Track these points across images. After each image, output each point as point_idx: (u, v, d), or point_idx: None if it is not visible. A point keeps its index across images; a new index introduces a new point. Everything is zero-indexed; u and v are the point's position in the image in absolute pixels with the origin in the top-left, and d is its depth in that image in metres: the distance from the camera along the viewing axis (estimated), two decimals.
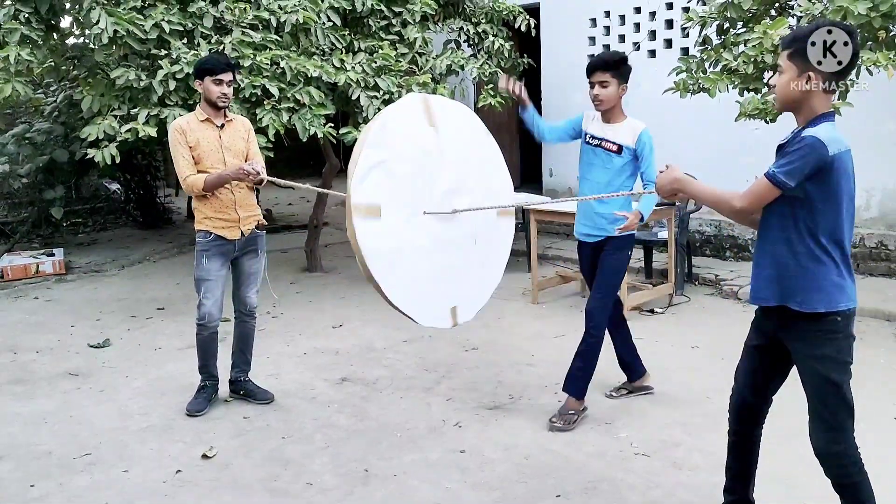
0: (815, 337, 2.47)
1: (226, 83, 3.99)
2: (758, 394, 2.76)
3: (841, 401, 2.47)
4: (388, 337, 5.48)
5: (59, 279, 7.69)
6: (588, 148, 4.05)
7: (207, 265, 4.09)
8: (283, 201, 12.61)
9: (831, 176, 2.35)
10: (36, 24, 5.49)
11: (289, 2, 5.89)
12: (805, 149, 2.32)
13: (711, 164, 7.28)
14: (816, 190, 2.37)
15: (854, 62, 2.40)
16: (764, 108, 4.50)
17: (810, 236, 2.42)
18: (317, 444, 3.83)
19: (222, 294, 4.19)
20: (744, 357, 2.79)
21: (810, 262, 2.43)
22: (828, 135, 2.33)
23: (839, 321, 2.45)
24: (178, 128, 4.01)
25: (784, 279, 2.48)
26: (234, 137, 4.12)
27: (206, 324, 4.18)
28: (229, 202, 4.07)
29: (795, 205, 2.42)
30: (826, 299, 2.43)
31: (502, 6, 7.60)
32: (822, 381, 2.47)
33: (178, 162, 4.01)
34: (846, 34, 2.37)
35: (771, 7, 4.88)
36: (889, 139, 6.23)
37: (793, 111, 2.49)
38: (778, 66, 2.49)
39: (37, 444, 3.89)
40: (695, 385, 4.40)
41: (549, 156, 9.03)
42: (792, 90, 2.43)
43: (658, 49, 7.79)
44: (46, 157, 8.58)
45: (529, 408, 4.19)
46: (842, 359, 2.47)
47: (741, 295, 6.19)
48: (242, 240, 4.16)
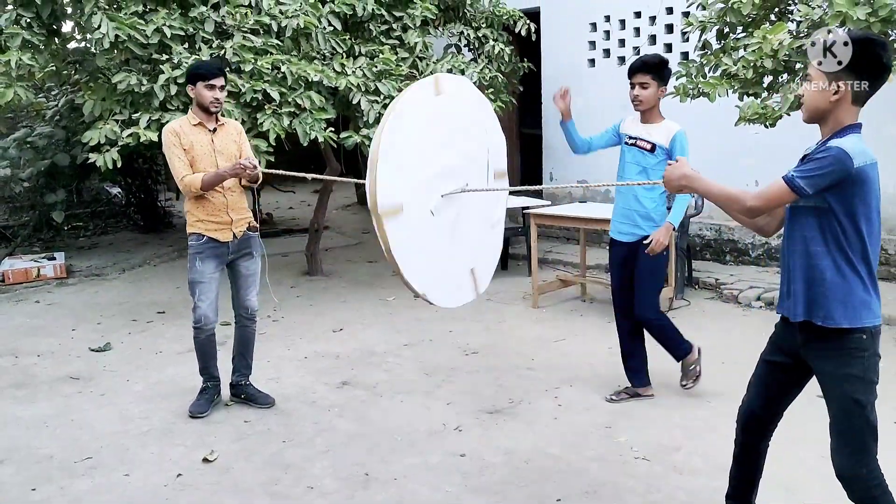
0: (841, 355, 2.41)
1: (218, 88, 4.03)
2: (769, 408, 2.73)
3: (865, 422, 2.41)
4: (389, 341, 5.49)
5: (60, 283, 7.71)
6: (625, 148, 4.23)
7: (201, 267, 4.12)
8: (283, 205, 12.65)
9: (856, 189, 2.31)
10: (37, 29, 5.51)
11: (290, 7, 5.92)
12: (829, 159, 2.28)
13: (712, 167, 7.23)
14: (841, 203, 2.33)
15: (885, 76, 2.35)
16: (763, 112, 4.52)
17: (838, 250, 2.38)
18: (317, 447, 3.83)
19: (217, 296, 4.21)
20: (759, 370, 2.74)
21: (836, 276, 2.39)
22: (854, 147, 2.29)
23: (865, 339, 2.40)
24: (171, 130, 4.04)
25: (810, 293, 2.44)
26: (226, 141, 4.16)
27: (203, 326, 4.20)
28: (221, 205, 4.11)
29: (822, 217, 2.38)
30: (851, 315, 2.38)
31: (503, 11, 7.62)
32: (848, 401, 2.40)
33: (173, 163, 4.03)
34: (879, 45, 2.33)
35: (770, 12, 4.90)
36: (889, 143, 6.23)
37: (819, 122, 2.44)
38: (808, 75, 2.44)
39: (38, 448, 3.90)
40: (695, 389, 4.40)
41: (550, 160, 9.04)
42: (820, 99, 2.38)
43: (658, 53, 7.79)
44: (48, 161, 8.61)
45: (529, 411, 4.19)
46: (868, 378, 2.41)
47: (741, 299, 6.20)
48: (235, 242, 4.19)
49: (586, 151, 4.41)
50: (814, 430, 3.66)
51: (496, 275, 7.51)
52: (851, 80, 2.34)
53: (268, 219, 10.77)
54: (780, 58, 4.34)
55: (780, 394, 2.70)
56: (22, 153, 8.68)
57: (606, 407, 4.22)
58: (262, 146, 5.59)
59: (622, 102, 8.07)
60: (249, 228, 4.26)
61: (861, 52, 2.32)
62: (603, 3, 8.21)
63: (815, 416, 3.06)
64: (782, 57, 4.33)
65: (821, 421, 3.70)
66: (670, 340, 4.26)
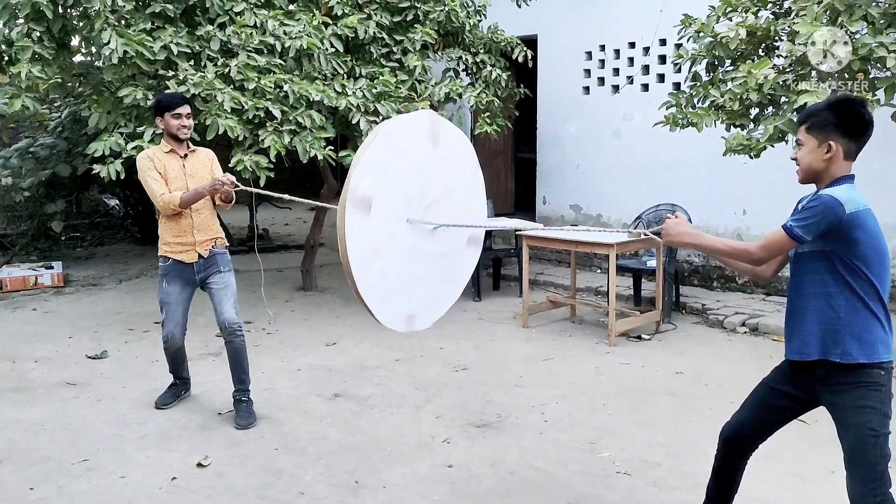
0: (859, 387, 2.50)
1: (184, 116, 4.27)
2: (758, 429, 2.82)
3: (880, 451, 2.49)
4: (381, 356, 5.61)
5: (57, 291, 7.80)
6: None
7: (168, 288, 4.37)
8: (279, 221, 12.76)
9: (852, 234, 2.44)
10: (48, 43, 5.65)
11: (294, 28, 6.08)
12: (820, 206, 2.42)
13: (702, 195, 7.48)
14: (842, 247, 2.47)
15: (870, 130, 2.53)
16: (748, 143, 4.68)
17: (850, 290, 2.49)
18: (309, 455, 3.94)
19: (184, 315, 4.45)
20: (759, 392, 2.82)
21: (852, 313, 2.49)
22: (844, 194, 2.43)
23: (883, 374, 2.51)
24: (145, 156, 4.30)
25: (825, 332, 2.53)
26: (197, 165, 4.37)
27: (169, 343, 4.47)
28: (188, 226, 4.31)
29: (828, 260, 2.51)
30: (868, 351, 2.48)
31: (501, 38, 7.80)
32: (864, 430, 2.48)
33: (149, 185, 4.24)
34: (859, 104, 2.52)
35: (758, 47, 5.08)
36: (875, 178, 6.41)
37: (815, 181, 2.59)
38: (797, 140, 2.60)
39: (36, 450, 4.00)
40: (678, 409, 4.53)
41: (543, 183, 9.21)
42: (814, 160, 2.54)
43: (651, 83, 8.01)
44: (49, 172, 8.74)
45: (516, 427, 4.31)
46: (884, 410, 2.50)
47: (726, 324, 6.33)
48: (202, 262, 4.38)
49: None
50: (790, 449, 3.80)
51: (488, 294, 7.67)
52: (840, 139, 2.51)
53: (264, 234, 10.89)
54: (766, 91, 4.52)
55: (775, 419, 2.79)
56: (24, 163, 8.81)
57: (591, 423, 4.33)
58: (262, 162, 5.73)
59: (614, 129, 8.34)
60: (217, 246, 4.44)
61: (844, 112, 2.51)
62: (598, 33, 8.43)
63: (787, 434, 3.17)
64: (768, 91, 4.50)
65: (793, 438, 3.84)
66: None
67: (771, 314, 6.35)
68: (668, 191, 7.64)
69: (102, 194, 11.04)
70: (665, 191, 7.67)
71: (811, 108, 2.62)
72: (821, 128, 2.53)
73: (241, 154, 5.75)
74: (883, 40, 4.10)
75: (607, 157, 8.42)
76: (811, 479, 3.60)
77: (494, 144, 10.13)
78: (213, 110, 5.54)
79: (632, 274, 7.00)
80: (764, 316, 6.34)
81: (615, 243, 5.75)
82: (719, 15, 5.25)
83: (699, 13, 5.43)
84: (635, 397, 4.72)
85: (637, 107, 8.06)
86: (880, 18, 4.29)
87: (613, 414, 4.47)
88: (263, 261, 8.20)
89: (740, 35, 4.75)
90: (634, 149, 8.13)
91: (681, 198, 7.31)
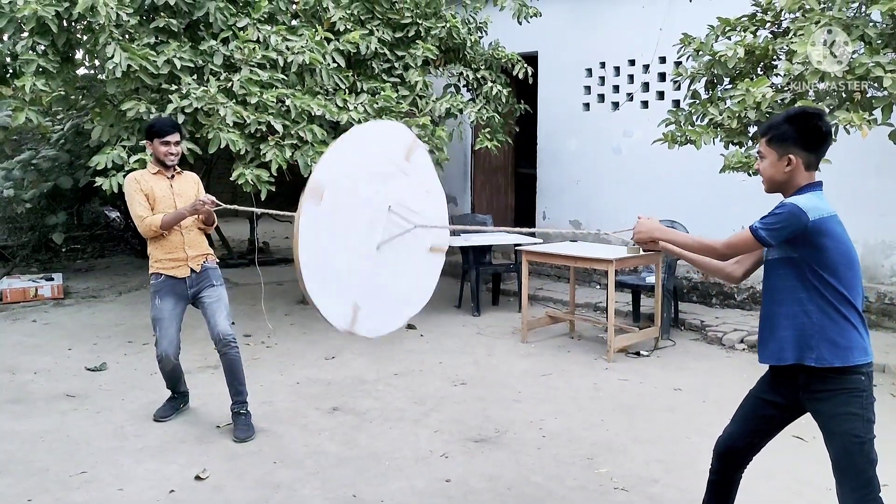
0: (841, 394, 2.52)
1: (173, 144, 4.33)
2: (750, 441, 2.83)
3: (867, 458, 2.50)
4: (380, 370, 5.61)
5: (57, 303, 7.82)
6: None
7: (160, 304, 4.39)
8: (280, 234, 12.79)
9: (819, 240, 2.47)
10: (52, 56, 5.70)
11: (296, 43, 6.13)
12: (784, 214, 2.46)
13: (700, 213, 7.51)
14: (809, 253, 2.50)
15: (828, 141, 2.57)
16: (746, 161, 4.72)
17: (820, 296, 2.52)
18: (307, 469, 3.94)
19: (177, 332, 4.44)
20: (747, 403, 2.84)
21: (824, 318, 2.52)
22: (808, 202, 2.47)
23: (863, 379, 2.52)
24: (132, 178, 4.38)
25: (799, 337, 2.56)
26: (184, 186, 4.45)
27: (164, 363, 4.46)
28: (178, 243, 4.37)
29: (798, 267, 2.54)
30: (843, 354, 2.50)
31: (501, 54, 7.87)
32: (849, 437, 2.50)
33: (133, 208, 4.32)
34: (817, 117, 2.56)
35: (757, 66, 5.13)
36: (870, 196, 6.45)
37: (780, 191, 2.64)
38: (759, 153, 2.65)
39: (34, 461, 4.00)
40: (676, 425, 4.54)
41: (544, 199, 9.25)
42: (776, 172, 2.59)
43: (651, 100, 8.06)
44: (51, 184, 8.77)
45: (514, 441, 4.31)
46: (866, 416, 2.52)
47: (725, 341, 6.34)
48: (194, 277, 4.42)
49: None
50: (788, 466, 3.80)
51: (487, 309, 7.68)
52: (799, 151, 2.55)
53: (264, 248, 10.91)
54: (764, 110, 4.55)
55: (764, 430, 2.81)
56: (26, 175, 8.84)
57: (589, 439, 4.34)
58: (263, 176, 5.77)
59: (614, 145, 8.38)
60: (208, 262, 4.49)
61: (802, 125, 2.55)
62: (599, 50, 8.49)
63: (785, 451, 3.20)
64: (766, 109, 4.54)
65: (791, 455, 3.85)
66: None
67: None
68: (667, 207, 7.67)
69: (103, 206, 11.06)
70: (664, 207, 7.69)
71: (771, 121, 2.66)
72: (780, 141, 2.57)
73: (243, 168, 5.79)
74: (880, 60, 4.14)
75: (607, 173, 8.46)
76: (808, 496, 3.60)
77: (495, 160, 10.18)
78: (216, 124, 5.58)
79: (631, 290, 7.02)
80: None
81: (614, 259, 5.77)
82: (718, 34, 5.30)
83: (698, 32, 5.48)
84: (633, 413, 4.73)
85: (637, 124, 8.11)
86: (877, 38, 4.34)
87: (611, 430, 4.47)
88: (263, 274, 8.21)
89: (738, 54, 4.79)
90: (634, 165, 8.17)
91: (680, 214, 7.33)
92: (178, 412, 4.68)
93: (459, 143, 9.02)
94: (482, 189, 10.36)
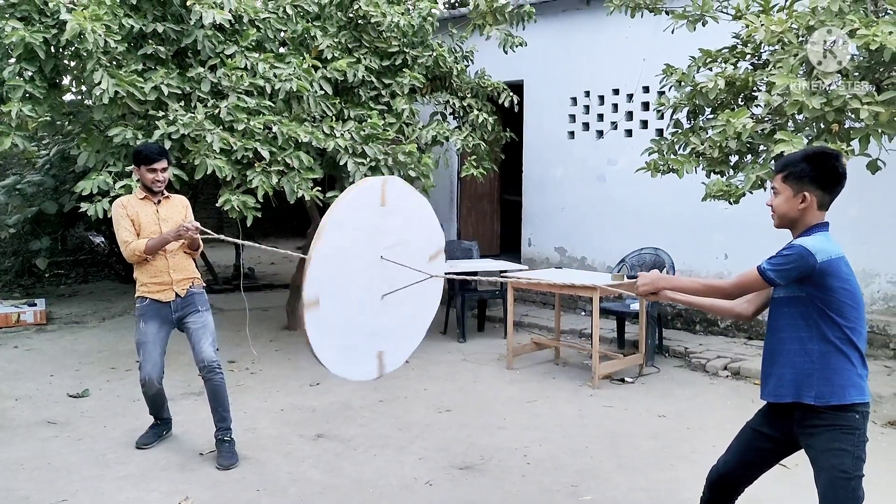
0: (833, 430, 2.55)
1: (160, 170, 4.36)
2: (743, 472, 2.85)
3: (853, 494, 2.53)
4: (365, 396, 5.60)
5: (40, 329, 7.76)
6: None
7: (145, 328, 4.38)
8: (265, 261, 12.77)
9: (826, 281, 2.52)
10: (39, 82, 5.71)
11: (284, 71, 6.18)
12: (793, 256, 2.52)
13: (684, 240, 7.59)
14: (817, 293, 2.55)
15: (843, 183, 2.63)
16: (727, 189, 4.78)
17: (821, 336, 2.57)
18: (290, 497, 3.91)
19: (161, 356, 4.42)
20: (743, 435, 2.86)
21: (824, 358, 2.56)
22: (816, 244, 2.52)
23: (858, 418, 2.56)
24: (119, 203, 4.41)
25: (800, 376, 2.60)
26: (170, 211, 4.46)
27: (147, 387, 4.43)
28: (164, 267, 4.38)
29: (804, 306, 2.58)
30: (839, 393, 2.55)
31: (488, 82, 7.95)
32: (836, 472, 2.53)
33: (119, 233, 4.34)
34: (834, 158, 2.62)
35: (737, 97, 5.22)
36: (850, 224, 6.54)
37: (790, 227, 2.69)
38: (773, 188, 2.70)
39: (14, 490, 3.95)
40: (660, 452, 4.55)
41: (529, 226, 9.30)
42: (790, 209, 2.64)
43: (634, 129, 8.16)
44: (35, 209, 8.74)
45: (499, 469, 4.30)
46: (857, 453, 2.55)
47: (709, 367, 6.38)
48: (178, 301, 4.42)
49: None
50: (771, 493, 3.81)
51: (473, 335, 7.68)
52: (815, 190, 2.60)
53: (250, 273, 10.88)
54: (745, 139, 4.63)
55: (758, 463, 2.83)
56: (10, 200, 8.82)
57: (574, 466, 4.34)
58: (250, 202, 5.78)
59: (599, 173, 8.46)
60: (194, 286, 4.49)
61: (819, 165, 2.60)
62: (583, 79, 8.61)
63: (771, 481, 3.19)
64: (746, 139, 4.62)
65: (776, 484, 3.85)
66: None
67: (753, 358, 6.40)
68: (651, 235, 7.74)
69: (88, 231, 11.02)
70: (648, 235, 7.77)
71: (788, 158, 2.71)
72: (797, 178, 2.62)
73: (229, 194, 5.80)
74: (856, 92, 4.23)
75: (592, 200, 8.54)
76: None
77: (481, 187, 10.25)
78: (203, 150, 5.59)
79: (615, 317, 7.05)
80: (746, 360, 6.39)
81: (598, 286, 5.81)
82: (700, 65, 5.39)
83: (681, 62, 5.57)
84: (617, 440, 4.74)
85: (621, 152, 8.21)
86: (854, 70, 4.44)
87: (596, 457, 4.47)
88: (249, 300, 8.16)
89: (719, 85, 4.87)
90: (618, 193, 8.25)
91: (663, 242, 7.40)
92: (161, 439, 4.65)
93: (446, 171, 9.08)
94: (468, 216, 10.41)
